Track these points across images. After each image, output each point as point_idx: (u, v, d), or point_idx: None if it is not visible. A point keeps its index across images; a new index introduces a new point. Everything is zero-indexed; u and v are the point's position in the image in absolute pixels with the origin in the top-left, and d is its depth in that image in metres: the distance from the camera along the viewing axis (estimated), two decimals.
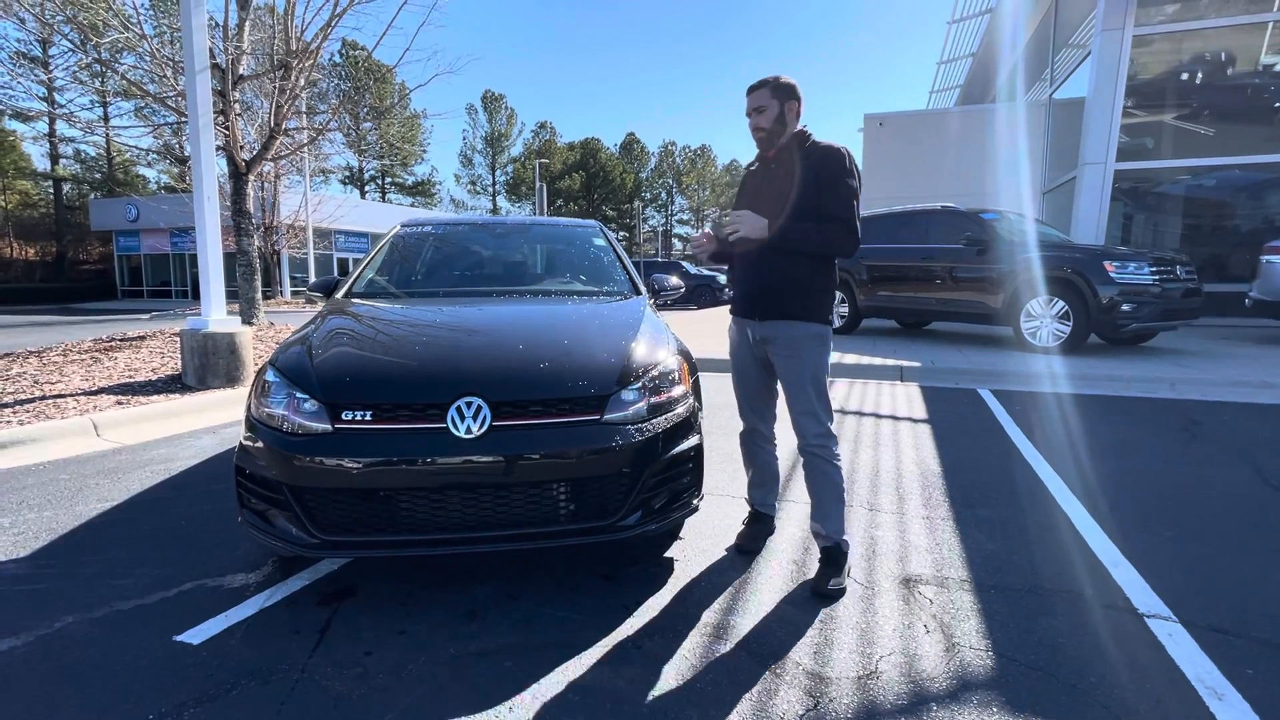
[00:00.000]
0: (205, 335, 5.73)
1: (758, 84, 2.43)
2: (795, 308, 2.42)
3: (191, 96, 5.82)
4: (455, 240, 4.21)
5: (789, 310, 2.42)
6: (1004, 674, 1.87)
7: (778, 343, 2.46)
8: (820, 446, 2.41)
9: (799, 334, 2.42)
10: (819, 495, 2.45)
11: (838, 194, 2.32)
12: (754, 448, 2.73)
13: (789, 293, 2.42)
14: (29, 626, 2.13)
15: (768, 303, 2.46)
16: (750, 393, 2.66)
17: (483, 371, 2.28)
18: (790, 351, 2.43)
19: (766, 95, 2.39)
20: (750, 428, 2.72)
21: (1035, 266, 7.39)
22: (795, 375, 2.43)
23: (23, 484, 3.55)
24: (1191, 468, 3.82)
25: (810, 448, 2.43)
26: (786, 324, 2.43)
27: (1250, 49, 11.39)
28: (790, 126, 2.43)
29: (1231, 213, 11.92)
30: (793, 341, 2.42)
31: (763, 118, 2.40)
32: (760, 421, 2.68)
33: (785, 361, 2.46)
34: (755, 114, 2.42)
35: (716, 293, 20.03)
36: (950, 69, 22.30)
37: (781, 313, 2.43)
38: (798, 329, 2.42)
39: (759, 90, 2.41)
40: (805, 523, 2.88)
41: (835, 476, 2.41)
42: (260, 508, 2.23)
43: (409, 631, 2.10)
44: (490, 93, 56.18)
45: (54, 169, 36.83)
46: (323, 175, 29.36)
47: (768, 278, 2.44)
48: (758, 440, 2.71)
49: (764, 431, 2.69)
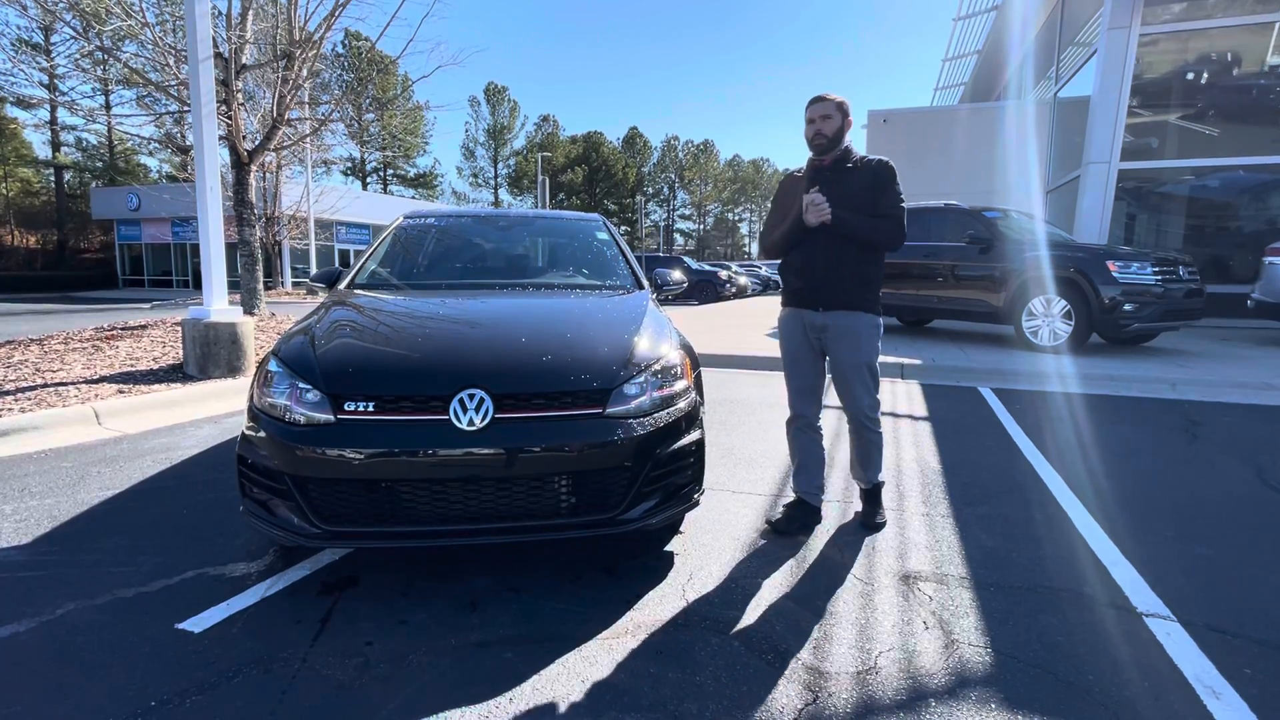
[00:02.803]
0: (207, 325, 5.73)
1: (825, 96, 2.72)
2: (855, 299, 2.73)
3: (194, 85, 5.80)
4: (458, 233, 4.20)
5: (850, 301, 2.73)
6: (1002, 671, 1.88)
7: (837, 331, 2.74)
8: (871, 419, 2.80)
9: (859, 324, 2.72)
10: (865, 454, 2.85)
11: (891, 196, 2.69)
12: (800, 434, 2.92)
13: (850, 285, 2.72)
14: (32, 613, 2.14)
15: (830, 293, 2.74)
16: (802, 380, 2.89)
17: (485, 364, 2.28)
18: (850, 339, 2.72)
19: (833, 108, 2.70)
20: (798, 414, 2.91)
21: (1038, 265, 7.38)
22: (853, 360, 2.73)
23: (25, 471, 3.56)
24: (1192, 468, 3.82)
25: (864, 420, 2.80)
26: (848, 314, 2.73)
27: (1257, 49, 11.34)
28: (844, 140, 2.75)
29: (1235, 214, 11.89)
30: (853, 330, 2.72)
31: (827, 125, 2.70)
32: (808, 408, 2.89)
33: (845, 348, 2.74)
34: (821, 120, 2.70)
35: (718, 288, 20.03)
36: (955, 66, 22.23)
37: (843, 303, 2.73)
38: (859, 319, 2.72)
39: (826, 102, 2.71)
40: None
41: (879, 441, 2.85)
42: (262, 497, 2.24)
43: (410, 622, 2.11)
44: (493, 85, 56.07)
45: (55, 157, 36.77)
46: (325, 166, 29.26)
47: (831, 270, 2.72)
48: (804, 427, 2.91)
49: (811, 418, 2.90)
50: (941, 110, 20.62)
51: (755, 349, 7.90)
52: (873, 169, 2.72)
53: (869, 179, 2.70)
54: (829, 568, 2.52)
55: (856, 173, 2.73)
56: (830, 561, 2.57)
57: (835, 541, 2.76)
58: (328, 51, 21.68)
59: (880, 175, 2.71)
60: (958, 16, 18.35)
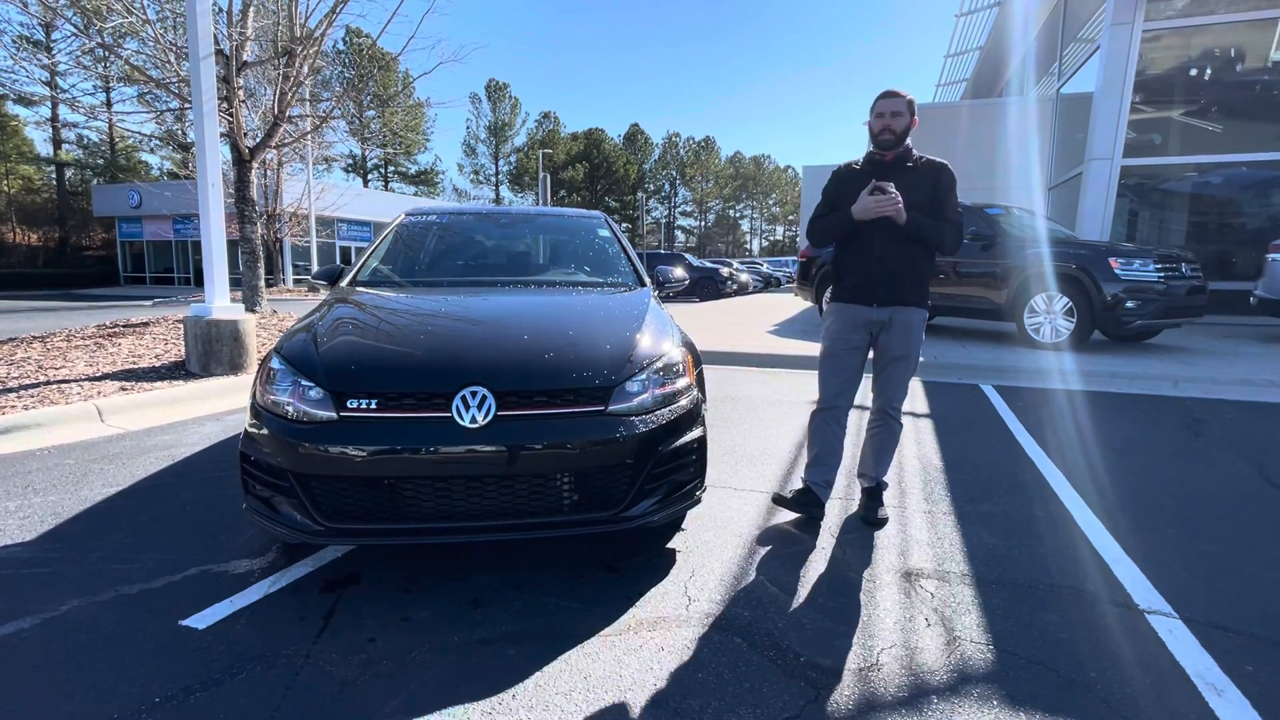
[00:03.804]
0: (209, 322, 5.73)
1: (897, 92, 2.73)
2: (914, 295, 2.80)
3: (195, 83, 5.80)
4: (460, 230, 4.20)
5: (908, 298, 2.79)
6: (1004, 668, 1.88)
7: (894, 326, 2.80)
8: (898, 410, 2.90)
9: (914, 318, 2.80)
10: (884, 449, 2.93)
11: (952, 200, 2.75)
12: (827, 425, 2.95)
13: (910, 282, 2.79)
14: (36, 609, 2.15)
15: (890, 289, 2.78)
16: (846, 372, 2.90)
17: (488, 361, 2.28)
18: (905, 333, 2.80)
19: (904, 105, 2.72)
20: (831, 406, 2.93)
21: (1040, 262, 7.36)
22: (905, 352, 2.82)
23: (28, 468, 3.57)
24: (1194, 465, 3.82)
25: (892, 411, 2.90)
26: (907, 310, 2.79)
27: (1260, 45, 11.29)
28: (908, 138, 2.77)
29: (1237, 210, 11.86)
30: (909, 325, 2.80)
31: (897, 121, 2.71)
32: (844, 400, 2.93)
33: (899, 341, 2.81)
34: (892, 117, 2.71)
35: (719, 285, 20.01)
36: (958, 62, 22.18)
37: (903, 299, 2.79)
38: (915, 314, 2.80)
39: (899, 99, 2.72)
40: (805, 519, 2.93)
41: (899, 433, 2.94)
42: (265, 494, 2.24)
43: (412, 619, 2.11)
44: (494, 82, 55.98)
45: (56, 154, 36.76)
46: (326, 163, 29.21)
47: (893, 267, 2.76)
48: (835, 419, 2.94)
49: (843, 410, 2.95)
50: (944, 107, 20.58)
51: (757, 346, 7.90)
52: (936, 170, 2.76)
53: (931, 181, 2.74)
54: (831, 565, 2.52)
55: (917, 172, 2.75)
56: (832, 559, 2.58)
57: (837, 539, 2.76)
58: (329, 48, 21.61)
59: (942, 178, 2.75)
60: (960, 13, 18.31)
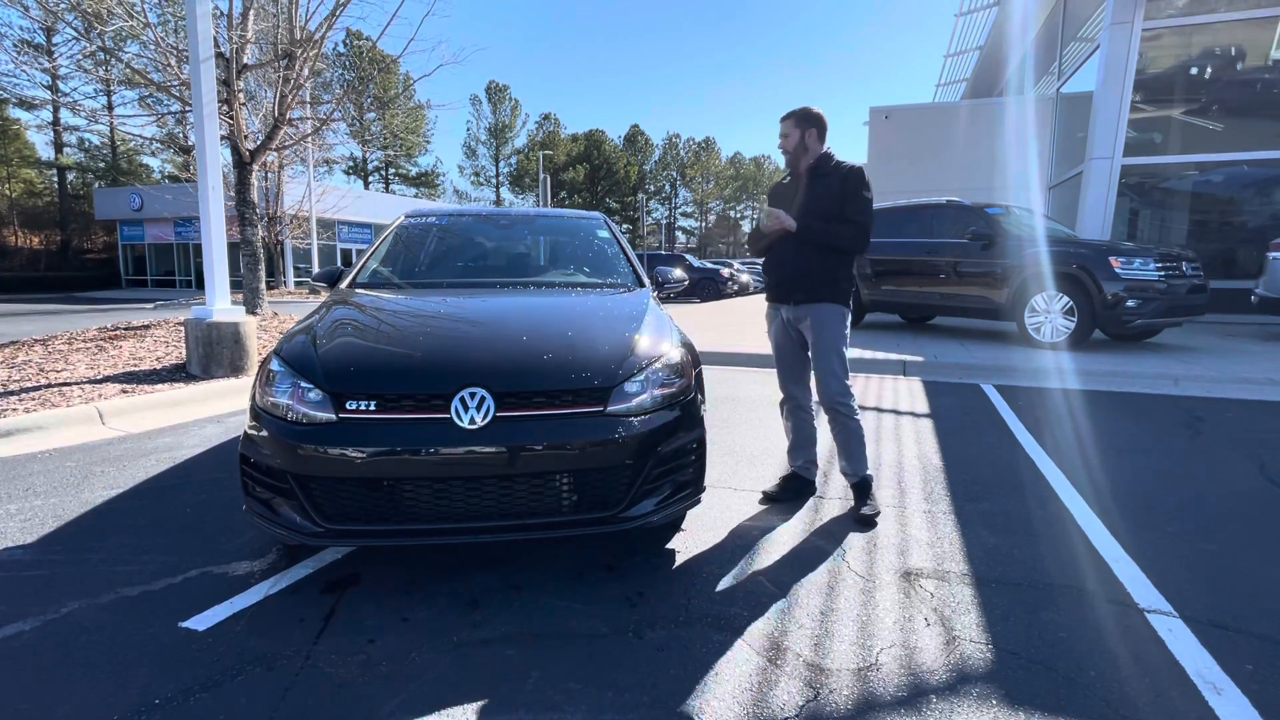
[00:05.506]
0: (210, 324, 5.74)
1: (786, 115, 3.00)
2: (825, 292, 2.96)
3: (196, 86, 5.81)
4: (459, 231, 4.21)
5: (816, 294, 2.96)
6: (1004, 667, 1.88)
7: (808, 320, 3.00)
8: (841, 403, 2.97)
9: (826, 313, 2.96)
10: (844, 444, 3.01)
11: (857, 202, 2.90)
12: (791, 414, 3.21)
13: (815, 280, 2.96)
14: (37, 611, 2.15)
15: (798, 288, 3.01)
16: (786, 365, 3.20)
17: (487, 362, 2.28)
18: (819, 326, 2.97)
19: (791, 125, 2.98)
20: (788, 394, 3.21)
21: (1040, 261, 7.35)
22: (823, 346, 2.97)
23: (29, 471, 3.57)
24: (1195, 464, 3.81)
25: (834, 404, 2.98)
26: (815, 305, 2.97)
27: (1260, 44, 11.28)
28: (812, 149, 2.99)
29: (1238, 209, 11.84)
30: (820, 319, 2.96)
31: (787, 141, 3.01)
32: (796, 388, 3.19)
33: (815, 335, 2.99)
34: (782, 138, 3.02)
35: (720, 285, 20.01)
36: (957, 62, 22.14)
37: (811, 296, 2.98)
38: (826, 309, 2.96)
39: (786, 120, 3.00)
40: (804, 519, 2.95)
41: (855, 427, 2.98)
42: (265, 496, 2.25)
43: (412, 620, 2.11)
44: (495, 83, 55.98)
45: (58, 157, 36.83)
46: (326, 165, 29.25)
47: (798, 268, 2.98)
48: (794, 407, 3.20)
49: (799, 398, 3.19)
50: (943, 106, 20.56)
51: (757, 347, 7.90)
52: (842, 175, 2.94)
53: (838, 185, 2.92)
54: (831, 565, 2.52)
55: (828, 179, 2.96)
56: (832, 559, 2.57)
57: (837, 539, 2.76)
58: (329, 51, 21.69)
59: (848, 182, 2.92)
60: (960, 12, 18.28)
